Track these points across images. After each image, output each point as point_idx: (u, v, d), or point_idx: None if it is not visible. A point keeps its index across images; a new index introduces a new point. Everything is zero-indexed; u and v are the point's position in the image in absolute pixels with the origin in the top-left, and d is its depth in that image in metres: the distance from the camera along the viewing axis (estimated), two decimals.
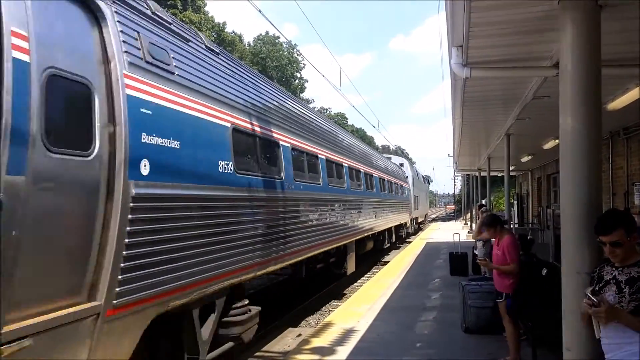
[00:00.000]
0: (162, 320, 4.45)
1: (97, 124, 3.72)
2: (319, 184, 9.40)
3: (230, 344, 5.68)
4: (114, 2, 4.19)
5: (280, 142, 7.46)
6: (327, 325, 8.11)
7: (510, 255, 5.93)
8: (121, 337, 3.90)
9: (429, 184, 53.30)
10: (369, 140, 69.17)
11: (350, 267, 12.53)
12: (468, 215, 40.43)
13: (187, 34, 5.61)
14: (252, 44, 55.09)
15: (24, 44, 3.16)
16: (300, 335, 8.64)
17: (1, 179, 2.93)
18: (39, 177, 3.17)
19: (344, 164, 11.72)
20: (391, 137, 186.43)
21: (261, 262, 6.29)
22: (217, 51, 6.37)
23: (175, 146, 4.59)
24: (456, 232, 16.07)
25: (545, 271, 6.19)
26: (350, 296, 11.56)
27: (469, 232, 25.70)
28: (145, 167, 4.12)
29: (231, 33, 49.37)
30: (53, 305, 3.28)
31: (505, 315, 6.06)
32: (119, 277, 3.75)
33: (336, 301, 11.78)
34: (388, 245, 19.75)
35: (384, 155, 24.84)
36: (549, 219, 18.60)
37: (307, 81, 59.31)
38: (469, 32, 4.89)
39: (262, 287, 12.05)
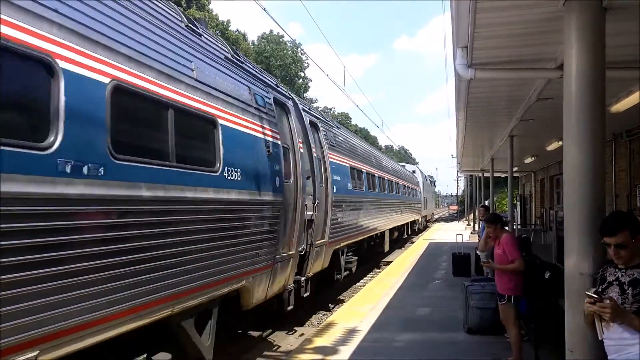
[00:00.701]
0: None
1: (323, 172, 9.47)
2: (376, 191, 16.00)
3: (347, 272, 12.14)
4: (318, 119, 10.18)
5: (363, 170, 14.02)
6: (330, 324, 8.13)
7: (511, 253, 5.92)
8: (328, 253, 9.71)
9: (435, 186, 59.70)
10: (372, 140, 69.12)
11: (386, 247, 19.14)
12: (471, 216, 40.36)
13: (332, 122, 12.62)
14: (256, 43, 55.11)
15: (288, 140, 7.72)
16: (303, 334, 8.67)
17: (329, 197, 9.66)
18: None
19: (385, 178, 18.45)
20: (394, 137, 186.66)
21: (356, 235, 12.56)
22: (338, 126, 13.67)
23: (338, 179, 10.66)
24: (459, 232, 16.10)
25: (548, 274, 6.19)
26: (353, 296, 11.58)
27: (472, 233, 25.69)
28: (334, 188, 10.03)
29: (235, 31, 49.42)
30: (321, 240, 9.14)
31: (509, 317, 6.05)
32: (329, 232, 9.53)
33: (340, 299, 11.81)
34: (406, 236, 26.11)
35: (400, 163, 31.07)
36: (551, 220, 18.59)
37: (311, 80, 59.32)
38: (474, 33, 4.90)
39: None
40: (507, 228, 6.62)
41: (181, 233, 4.60)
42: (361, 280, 14.59)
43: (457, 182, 64.43)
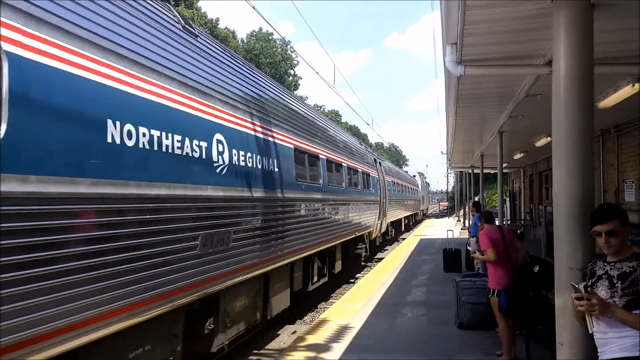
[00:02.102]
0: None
1: (383, 185, 18.95)
2: (400, 193, 26.08)
3: (391, 236, 24.60)
4: (381, 159, 22.33)
5: (395, 182, 24.23)
6: (323, 322, 8.14)
7: (482, 244, 6.18)
8: (386, 224, 19.86)
9: (429, 186, 71.26)
10: (362, 138, 69.19)
11: (402, 227, 29.77)
12: (461, 212, 40.56)
13: (383, 157, 25.80)
14: (245, 41, 54.88)
15: (376, 173, 17.96)
16: (295, 332, 8.67)
17: (386, 197, 20.12)
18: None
19: (403, 184, 28.10)
20: (385, 134, 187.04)
21: (392, 217, 22.76)
22: (384, 159, 27.56)
23: (388, 188, 20.58)
24: (449, 228, 16.19)
25: (537, 268, 6.26)
26: (345, 293, 11.60)
27: (462, 229, 25.85)
28: (389, 191, 20.78)
29: (224, 29, 49.17)
30: (384, 217, 19.05)
31: (495, 310, 6.16)
32: (384, 214, 18.64)
33: (333, 296, 11.84)
34: (411, 224, 36.75)
35: (404, 170, 44.51)
36: (540, 215, 18.74)
37: (301, 78, 59.21)
38: (464, 30, 4.92)
39: None
40: (496, 223, 6.76)
41: (363, 210, 13.91)
42: (353, 278, 14.63)
43: (447, 179, 64.85)
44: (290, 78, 56.25)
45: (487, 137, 13.30)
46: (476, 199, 23.48)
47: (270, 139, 6.96)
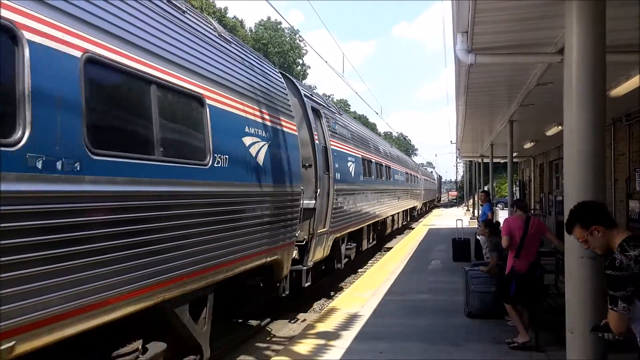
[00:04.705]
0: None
1: (421, 183, 35.65)
2: (428, 184, 42.20)
3: (426, 209, 44.16)
4: (419, 165, 43.29)
5: (430, 180, 49.80)
6: (332, 310, 8.20)
7: (502, 231, 6.61)
8: (421, 203, 35.97)
9: (441, 178, 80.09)
10: (371, 127, 68.99)
11: (427, 209, 44.59)
12: (471, 202, 40.46)
13: (419, 165, 43.42)
14: (253, 30, 54.73)
15: (419, 175, 35.21)
16: (305, 320, 8.76)
17: (422, 189, 35.95)
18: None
19: (429, 180, 45.95)
20: (393, 124, 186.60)
21: (421, 200, 34.88)
22: (419, 167, 41.53)
23: (423, 182, 37.11)
24: (459, 218, 16.18)
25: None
26: (354, 282, 11.67)
27: (471, 219, 25.80)
28: (423, 185, 35.98)
29: (232, 18, 49.08)
30: (419, 200, 33.46)
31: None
32: (422, 197, 35.39)
33: (342, 283, 11.91)
34: (430, 206, 49.30)
35: (422, 165, 53.17)
36: (551, 204, 18.64)
37: (310, 67, 59.01)
38: (475, 18, 4.88)
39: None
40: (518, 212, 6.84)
41: (416, 195, 30.03)
42: (362, 267, 14.69)
43: (457, 168, 64.64)
44: (299, 67, 56.09)
45: (497, 126, 13.21)
46: (485, 188, 23.42)
47: (404, 171, 23.62)
